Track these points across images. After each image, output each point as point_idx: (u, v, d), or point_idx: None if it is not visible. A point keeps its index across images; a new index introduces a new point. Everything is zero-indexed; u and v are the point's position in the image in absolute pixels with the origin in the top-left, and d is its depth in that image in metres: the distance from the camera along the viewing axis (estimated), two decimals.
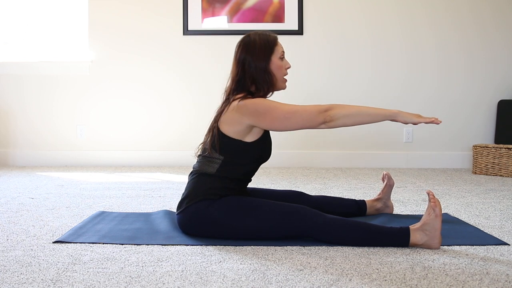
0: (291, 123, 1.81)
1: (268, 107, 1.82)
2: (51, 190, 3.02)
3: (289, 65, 1.96)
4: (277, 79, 1.93)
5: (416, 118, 1.78)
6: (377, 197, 2.31)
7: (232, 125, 1.86)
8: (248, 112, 1.83)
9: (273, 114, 1.81)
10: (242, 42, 1.94)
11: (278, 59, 1.93)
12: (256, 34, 1.95)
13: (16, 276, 1.45)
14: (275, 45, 1.94)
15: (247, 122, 1.84)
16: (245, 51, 1.91)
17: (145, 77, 4.39)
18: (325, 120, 1.78)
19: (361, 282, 1.40)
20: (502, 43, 4.28)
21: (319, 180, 3.50)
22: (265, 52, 1.90)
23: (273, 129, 1.86)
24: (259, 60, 1.89)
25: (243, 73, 1.90)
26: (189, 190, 1.90)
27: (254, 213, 1.81)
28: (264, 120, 1.82)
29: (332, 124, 1.79)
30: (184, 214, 1.88)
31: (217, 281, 1.41)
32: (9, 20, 4.47)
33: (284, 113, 1.80)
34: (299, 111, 1.81)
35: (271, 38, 1.95)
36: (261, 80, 1.89)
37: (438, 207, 1.71)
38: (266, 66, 1.90)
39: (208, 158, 1.91)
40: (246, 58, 1.90)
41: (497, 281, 1.41)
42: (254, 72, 1.89)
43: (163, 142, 4.41)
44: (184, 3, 4.31)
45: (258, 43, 1.91)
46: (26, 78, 4.42)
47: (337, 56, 4.34)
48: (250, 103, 1.83)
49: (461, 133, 4.33)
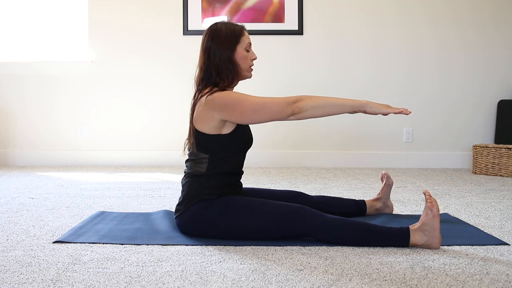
0: (260, 115, 1.80)
1: (236, 100, 1.81)
2: (51, 190, 3.02)
3: (255, 56, 1.94)
4: (242, 69, 1.92)
5: (385, 109, 1.78)
6: (376, 197, 2.31)
7: (205, 122, 1.85)
8: (216, 107, 1.81)
9: (242, 107, 1.80)
10: (209, 30, 1.92)
11: (244, 50, 1.91)
12: (223, 23, 1.93)
13: (16, 276, 1.45)
14: (241, 35, 1.91)
15: (218, 116, 1.83)
16: (211, 39, 1.89)
17: (145, 77, 4.39)
18: (293, 111, 1.77)
19: (361, 282, 1.40)
20: (502, 43, 4.28)
21: (319, 180, 3.50)
22: (231, 41, 1.88)
23: (243, 122, 1.85)
24: (224, 49, 1.87)
25: (208, 61, 1.89)
26: (184, 194, 1.90)
27: (254, 213, 1.80)
28: (234, 114, 1.81)
29: (301, 115, 1.78)
30: (183, 218, 1.88)
31: (217, 281, 1.41)
32: (9, 20, 4.47)
33: (253, 106, 1.79)
34: (268, 103, 1.80)
35: (238, 28, 1.93)
36: (225, 69, 1.88)
37: (435, 207, 1.71)
38: (231, 55, 1.88)
39: (195, 160, 1.91)
40: (212, 47, 1.88)
41: (497, 281, 1.41)
42: (219, 61, 1.87)
43: (163, 142, 4.41)
44: (184, 3, 4.32)
45: (224, 32, 1.89)
46: (26, 78, 4.42)
47: (337, 56, 4.34)
48: (218, 98, 1.82)
49: (461, 133, 4.33)
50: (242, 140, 1.93)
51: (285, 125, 4.30)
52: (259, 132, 4.33)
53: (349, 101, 1.80)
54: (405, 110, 1.77)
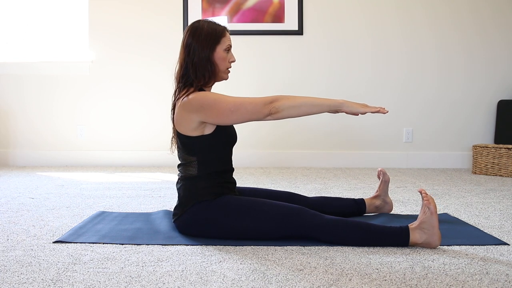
0: (237, 116, 1.79)
1: (213, 100, 1.80)
2: (51, 190, 3.02)
3: (233, 59, 1.93)
4: (219, 69, 1.91)
5: (362, 108, 1.78)
6: (375, 194, 2.31)
7: (185, 124, 1.84)
8: (193, 109, 1.81)
9: (219, 108, 1.79)
10: (191, 27, 1.91)
11: (223, 51, 1.90)
12: (205, 22, 1.92)
13: (16, 276, 1.45)
14: (222, 36, 1.91)
15: (196, 118, 1.82)
16: (192, 37, 1.88)
17: (145, 77, 4.39)
18: (270, 112, 1.77)
19: (361, 282, 1.41)
20: (502, 43, 4.28)
21: (319, 180, 3.50)
22: (211, 41, 1.88)
23: (220, 123, 1.84)
24: (203, 48, 1.87)
25: (187, 58, 1.88)
26: (181, 197, 1.90)
27: (253, 214, 1.80)
28: (211, 115, 1.80)
29: (278, 115, 1.77)
30: (182, 221, 1.88)
31: (217, 281, 1.41)
32: (10, 20, 4.47)
33: (229, 106, 1.78)
34: (244, 104, 1.79)
35: (220, 28, 1.92)
36: (202, 69, 1.87)
37: (432, 204, 1.72)
38: (210, 55, 1.87)
39: (185, 163, 1.91)
40: (192, 44, 1.88)
41: (497, 281, 1.41)
42: (197, 59, 1.87)
43: (163, 142, 4.39)
44: (184, 3, 4.32)
45: (205, 31, 1.88)
46: (26, 78, 4.42)
47: (337, 56, 4.35)
48: (194, 99, 1.81)
49: (461, 133, 4.33)
50: (226, 137, 1.92)
51: (285, 125, 4.31)
52: (259, 132, 4.34)
53: (326, 101, 1.80)
54: (382, 109, 1.77)
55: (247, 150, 4.28)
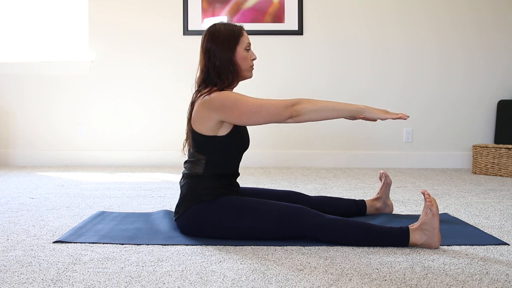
0: (258, 117, 1.80)
1: (234, 100, 1.81)
2: (51, 190, 3.02)
3: (254, 56, 1.94)
4: (242, 69, 1.92)
5: (383, 114, 1.78)
6: (376, 196, 2.31)
7: (203, 122, 1.85)
8: (214, 107, 1.81)
9: (240, 108, 1.79)
10: (208, 32, 1.92)
11: (244, 50, 1.91)
12: (221, 24, 1.93)
13: (16, 276, 1.45)
14: (240, 36, 1.91)
15: (216, 117, 1.83)
16: (211, 41, 1.89)
17: (145, 77, 4.39)
18: (291, 114, 1.77)
19: (361, 282, 1.41)
20: (502, 43, 4.28)
21: (319, 180, 3.50)
22: (230, 42, 1.88)
23: (241, 123, 1.85)
24: (223, 50, 1.87)
25: (209, 63, 1.88)
26: (183, 195, 1.90)
27: (254, 214, 1.81)
28: (232, 115, 1.81)
29: (299, 118, 1.78)
30: (183, 219, 1.88)
31: (217, 281, 1.41)
32: (10, 20, 4.47)
33: (251, 107, 1.79)
34: (266, 105, 1.79)
35: (237, 29, 1.92)
36: (225, 70, 1.87)
37: (434, 206, 1.72)
38: (231, 56, 1.88)
39: (193, 160, 1.91)
40: (211, 48, 1.88)
41: (496, 281, 1.41)
42: (219, 62, 1.87)
43: (163, 142, 4.41)
44: (184, 3, 4.32)
45: (223, 33, 1.89)
46: (27, 78, 4.42)
47: (337, 56, 4.35)
48: (216, 98, 1.82)
49: (461, 133, 4.33)
50: (239, 141, 1.93)
51: (285, 126, 4.30)
52: (259, 132, 4.34)
53: (348, 106, 1.81)
54: (403, 115, 1.77)
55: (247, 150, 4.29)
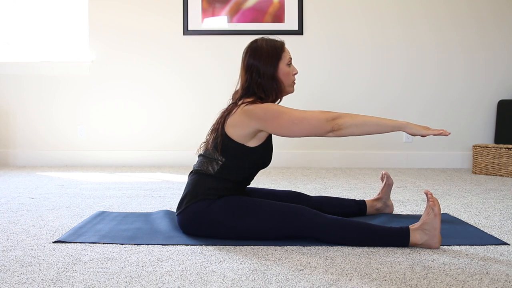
0: (298, 129, 1.81)
1: (276, 112, 1.82)
2: (51, 190, 3.02)
3: (296, 71, 1.95)
4: (285, 85, 1.93)
5: (424, 130, 1.76)
6: (376, 196, 2.31)
7: (239, 128, 1.85)
8: (256, 116, 1.82)
9: (281, 120, 1.80)
10: (250, 48, 1.93)
11: (286, 66, 1.92)
12: (263, 40, 1.94)
13: (16, 276, 1.45)
14: (282, 51, 1.93)
15: (255, 126, 1.83)
16: (253, 57, 1.90)
17: (145, 77, 4.39)
18: (333, 128, 1.77)
19: (361, 282, 1.41)
20: (502, 43, 4.28)
21: (319, 180, 3.50)
22: (273, 58, 1.89)
23: (280, 134, 1.85)
24: (266, 67, 1.88)
25: (251, 79, 1.89)
26: (188, 190, 1.91)
27: (254, 213, 1.81)
28: (272, 125, 1.82)
29: (340, 132, 1.78)
30: (184, 215, 1.88)
31: (217, 281, 1.41)
32: (10, 20, 4.47)
33: (292, 119, 1.80)
34: (308, 118, 1.80)
35: (278, 44, 1.94)
36: (269, 87, 1.89)
37: (436, 206, 1.72)
38: (274, 72, 1.89)
39: (209, 158, 1.91)
40: (254, 65, 1.89)
41: (497, 281, 1.41)
42: (262, 79, 1.88)
43: (163, 142, 4.41)
44: (184, 3, 4.32)
45: (265, 49, 1.90)
46: (27, 78, 4.42)
47: (337, 56, 4.35)
48: (259, 108, 1.83)
49: (461, 133, 4.33)
50: (262, 157, 1.94)
51: None
52: None
53: (389, 121, 1.80)
54: (444, 131, 1.75)
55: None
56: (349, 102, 4.34)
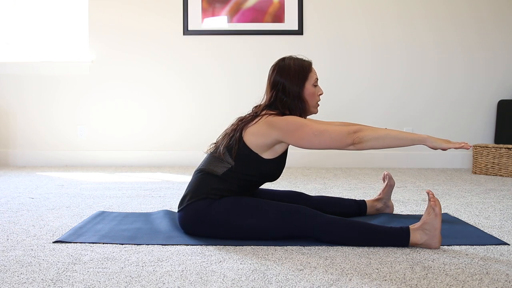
0: (319, 141, 1.81)
1: (298, 124, 1.83)
2: (51, 190, 3.02)
3: (321, 92, 1.96)
4: (310, 105, 1.94)
5: (446, 144, 1.75)
6: (377, 197, 2.31)
7: (259, 137, 1.86)
8: (278, 127, 1.83)
9: (302, 132, 1.81)
10: (277, 66, 1.94)
11: (312, 86, 1.93)
12: (291, 59, 1.95)
13: (16, 276, 1.45)
14: (309, 72, 1.94)
15: (275, 136, 1.84)
16: (280, 75, 1.91)
17: (145, 77, 4.39)
18: (354, 141, 1.77)
19: (361, 282, 1.41)
20: (502, 43, 4.28)
21: (319, 180, 3.50)
22: (299, 78, 1.91)
23: (300, 146, 1.86)
24: (293, 86, 1.90)
25: (276, 97, 1.91)
26: (192, 187, 1.91)
27: (254, 213, 1.81)
28: (293, 137, 1.82)
29: (361, 146, 1.77)
30: (185, 212, 1.88)
31: (217, 281, 1.41)
32: (10, 20, 4.47)
33: (313, 131, 1.80)
34: (329, 131, 1.80)
35: (306, 64, 1.95)
36: (294, 106, 1.90)
37: (437, 207, 1.72)
38: (300, 92, 1.90)
39: (218, 158, 1.91)
40: (280, 82, 1.90)
41: (497, 281, 1.41)
42: (288, 97, 1.89)
43: (163, 142, 4.41)
44: (184, 3, 4.32)
45: (292, 69, 1.91)
46: (27, 78, 4.42)
47: (337, 56, 4.35)
48: (281, 119, 1.84)
49: (461, 133, 4.33)
50: (273, 171, 1.94)
51: None
52: None
53: (410, 135, 1.80)
54: (466, 144, 1.73)
55: None
56: (349, 102, 4.34)
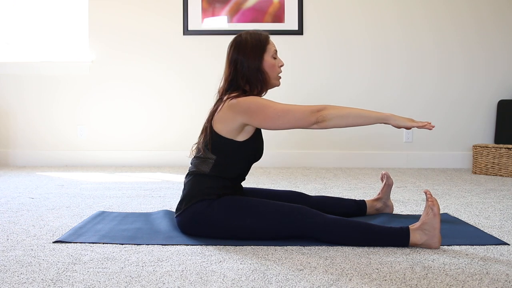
0: (283, 121, 1.81)
1: (261, 105, 1.82)
2: (51, 190, 3.02)
3: (282, 63, 1.95)
4: (270, 77, 1.93)
5: (409, 122, 1.78)
6: (376, 197, 2.31)
7: (225, 123, 1.86)
8: (241, 110, 1.82)
9: (266, 113, 1.80)
10: (234, 42, 1.93)
11: (271, 58, 1.92)
12: (247, 34, 1.94)
13: (16, 276, 1.45)
14: (267, 44, 1.92)
15: (240, 120, 1.84)
16: (237, 51, 1.90)
17: (145, 77, 4.39)
18: (317, 120, 1.78)
19: (361, 282, 1.41)
20: (502, 43, 4.28)
21: (319, 180, 3.50)
22: (257, 51, 1.90)
23: (265, 127, 1.86)
24: (251, 60, 1.88)
25: (235, 73, 1.90)
26: (186, 192, 1.91)
27: (254, 214, 1.80)
28: (257, 118, 1.82)
29: (324, 124, 1.78)
30: (183, 216, 1.88)
31: (217, 281, 1.41)
32: (10, 20, 4.47)
33: (277, 112, 1.80)
34: (292, 110, 1.80)
35: (263, 37, 1.94)
36: (254, 80, 1.89)
37: (436, 206, 1.71)
38: (259, 65, 1.89)
39: (201, 158, 1.91)
40: (238, 58, 1.89)
41: (497, 281, 1.41)
42: (247, 71, 1.88)
43: (163, 142, 4.41)
44: (184, 3, 4.32)
45: (249, 43, 1.90)
46: (27, 78, 4.42)
47: (337, 56, 4.35)
48: (243, 101, 1.83)
49: (461, 133, 4.33)
50: (253, 150, 1.94)
51: None
52: None
53: (373, 113, 1.81)
54: (429, 124, 1.77)
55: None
56: (349, 102, 4.33)
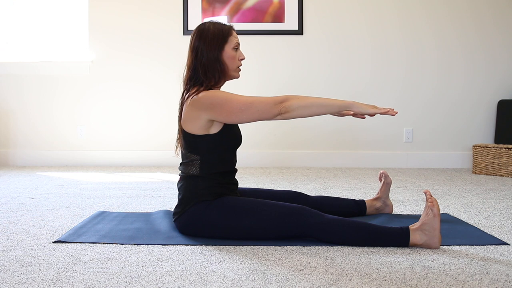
0: (247, 115, 1.80)
1: (223, 99, 1.81)
2: (51, 190, 3.02)
3: (243, 57, 1.94)
4: (229, 68, 1.91)
5: (372, 109, 1.80)
6: (376, 196, 2.31)
7: (193, 122, 1.85)
8: (203, 107, 1.81)
9: (229, 107, 1.80)
10: (197, 30, 1.92)
11: (232, 50, 1.90)
12: (211, 23, 1.93)
13: (16, 276, 1.45)
14: (229, 35, 1.91)
15: (205, 116, 1.82)
16: (199, 39, 1.89)
17: (145, 77, 4.39)
18: (280, 111, 1.78)
19: (361, 282, 1.41)
20: (502, 43, 4.28)
21: (319, 180, 3.50)
22: (218, 40, 1.88)
23: (230, 122, 1.85)
24: (211, 49, 1.87)
25: (196, 60, 1.89)
26: (181, 197, 1.90)
27: (254, 214, 1.80)
28: (221, 113, 1.81)
29: (288, 115, 1.79)
30: (182, 220, 1.88)
31: (217, 281, 1.41)
32: (10, 20, 4.47)
33: (240, 105, 1.79)
34: (255, 103, 1.80)
35: (226, 28, 1.92)
36: (212, 69, 1.88)
37: (435, 206, 1.71)
38: (218, 55, 1.88)
39: (187, 162, 1.91)
40: (199, 46, 1.89)
41: (497, 281, 1.41)
42: (206, 60, 1.87)
43: (163, 142, 4.41)
44: (184, 3, 4.32)
45: (211, 31, 1.89)
46: (27, 78, 4.42)
47: (337, 56, 4.35)
48: (204, 97, 1.82)
49: (461, 133, 4.33)
50: (231, 138, 1.92)
51: (285, 125, 4.31)
52: (259, 132, 4.34)
53: (336, 101, 1.82)
54: (391, 110, 1.79)
55: (247, 150, 4.28)
56: None
